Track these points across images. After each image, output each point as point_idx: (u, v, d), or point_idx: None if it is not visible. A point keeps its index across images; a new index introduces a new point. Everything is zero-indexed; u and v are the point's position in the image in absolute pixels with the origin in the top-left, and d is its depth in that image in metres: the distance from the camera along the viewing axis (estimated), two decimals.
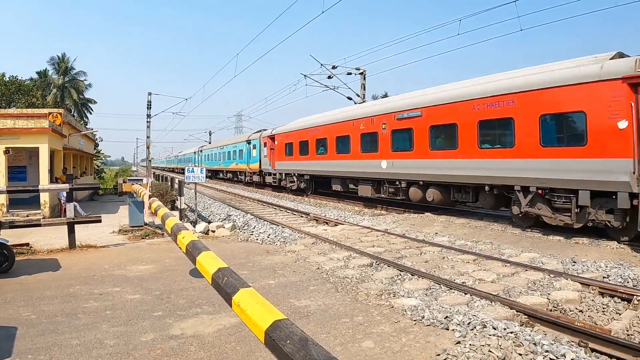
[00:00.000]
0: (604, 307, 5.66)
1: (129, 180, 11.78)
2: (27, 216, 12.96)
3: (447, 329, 4.57)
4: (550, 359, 3.84)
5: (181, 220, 11.17)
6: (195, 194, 14.13)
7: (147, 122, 26.13)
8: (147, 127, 26.29)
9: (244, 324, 2.07)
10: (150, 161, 28.10)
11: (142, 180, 11.86)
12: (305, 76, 23.20)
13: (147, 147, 27.08)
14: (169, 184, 17.49)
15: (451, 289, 6.15)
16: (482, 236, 10.38)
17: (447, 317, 4.85)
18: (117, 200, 20.31)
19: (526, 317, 5.11)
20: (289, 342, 1.59)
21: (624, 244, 8.92)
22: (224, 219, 13.85)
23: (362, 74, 22.98)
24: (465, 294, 5.90)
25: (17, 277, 6.76)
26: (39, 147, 13.85)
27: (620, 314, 5.47)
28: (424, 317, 4.88)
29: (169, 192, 15.25)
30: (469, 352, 3.98)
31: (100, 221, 9.40)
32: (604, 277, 6.86)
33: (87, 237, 9.69)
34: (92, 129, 28.55)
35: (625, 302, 5.77)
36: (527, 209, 10.54)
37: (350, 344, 4.26)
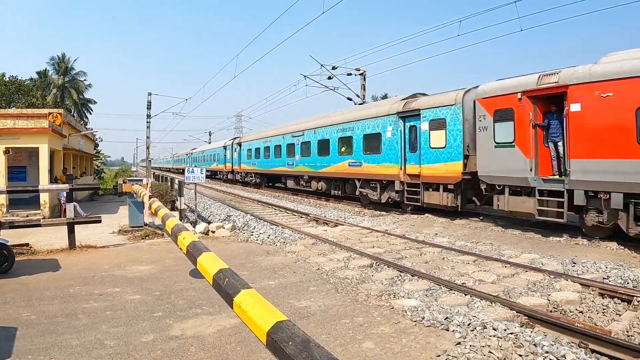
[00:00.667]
0: (604, 308, 5.66)
1: (129, 180, 11.78)
2: (27, 216, 12.95)
3: (448, 330, 4.57)
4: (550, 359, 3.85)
5: (181, 220, 11.16)
6: (195, 194, 14.13)
7: (147, 122, 26.14)
8: (147, 127, 26.30)
9: (244, 325, 2.07)
10: (150, 161, 28.10)
11: (142, 180, 11.86)
12: (305, 77, 23.22)
13: (147, 148, 27.08)
14: (169, 184, 17.50)
15: (451, 289, 6.15)
16: (482, 237, 10.38)
17: (447, 318, 4.85)
18: (117, 200, 20.29)
19: (526, 318, 5.10)
20: (291, 343, 1.59)
21: (623, 245, 8.92)
22: (224, 220, 13.84)
23: (362, 74, 22.99)
24: (465, 294, 5.90)
25: (17, 277, 6.75)
26: (38, 147, 13.85)
27: (620, 315, 5.47)
28: (424, 318, 4.88)
29: (168, 192, 15.26)
30: (469, 353, 3.98)
31: (100, 221, 9.39)
32: (604, 278, 6.86)
33: (87, 238, 9.68)
34: (92, 129, 28.55)
35: (625, 303, 5.77)
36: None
37: (350, 344, 4.26)
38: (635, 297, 5.68)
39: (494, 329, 4.45)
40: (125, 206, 12.72)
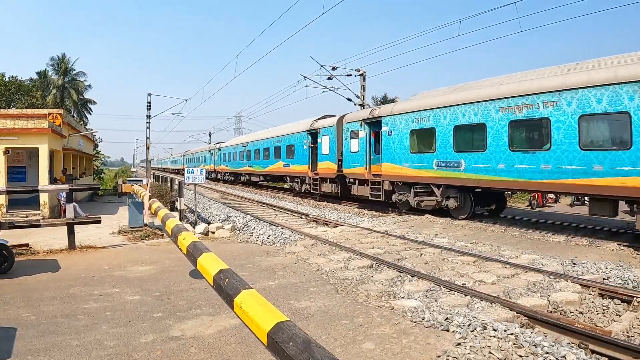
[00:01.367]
0: (604, 309, 5.67)
1: (129, 181, 11.77)
2: (27, 217, 12.94)
3: (448, 331, 4.57)
4: None
5: (181, 221, 11.15)
6: (195, 195, 14.13)
7: (147, 122, 26.12)
8: (147, 127, 26.27)
9: (244, 326, 2.06)
10: (149, 162, 28.07)
11: (141, 181, 11.86)
12: (305, 77, 23.21)
13: (147, 148, 27.05)
14: (169, 184, 17.49)
15: (451, 290, 6.15)
16: (482, 238, 10.39)
17: (447, 318, 4.85)
18: (116, 201, 20.28)
19: (526, 318, 5.10)
20: (291, 344, 1.59)
21: (623, 245, 8.93)
22: (224, 220, 13.84)
23: (361, 75, 22.99)
24: (465, 295, 5.90)
25: (16, 277, 6.74)
26: (38, 148, 13.84)
27: (620, 316, 5.47)
28: (424, 319, 4.88)
29: (168, 193, 15.25)
30: (469, 353, 3.98)
31: (100, 222, 9.38)
32: (604, 279, 6.86)
33: (86, 238, 9.68)
34: (92, 130, 28.53)
35: (625, 304, 5.77)
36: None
37: (350, 345, 4.26)
38: (635, 298, 5.68)
39: (494, 330, 4.45)
40: (125, 207, 12.71)
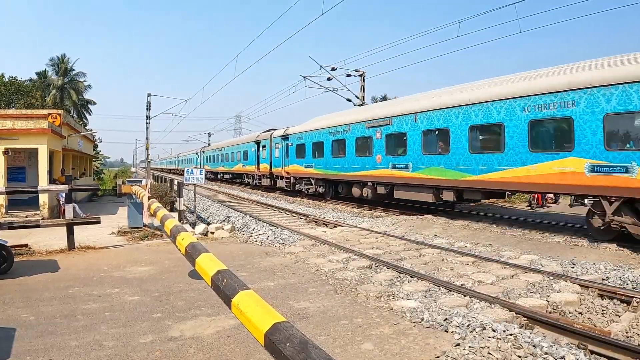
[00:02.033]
0: (603, 309, 5.66)
1: (128, 181, 11.78)
2: (26, 217, 12.94)
3: (447, 331, 4.57)
4: None
5: (180, 221, 11.15)
6: (194, 195, 14.12)
7: (147, 123, 26.12)
8: (147, 128, 26.27)
9: (243, 326, 2.07)
10: (149, 162, 28.07)
11: (141, 181, 11.86)
12: (304, 78, 23.24)
13: (147, 149, 27.04)
14: (168, 185, 17.49)
15: (450, 291, 6.15)
16: (482, 238, 10.39)
17: (446, 319, 4.85)
18: (116, 201, 20.27)
19: (525, 319, 5.10)
20: (289, 344, 1.59)
21: (623, 246, 8.93)
22: (223, 221, 13.83)
23: (361, 75, 23.02)
24: (464, 296, 5.90)
25: (16, 278, 6.74)
26: (38, 148, 13.84)
27: (619, 316, 5.47)
28: (423, 319, 4.88)
29: (168, 193, 15.25)
30: (468, 354, 3.98)
31: (99, 222, 9.37)
32: (603, 279, 6.86)
33: (86, 238, 9.68)
34: (92, 130, 28.52)
35: (624, 304, 5.77)
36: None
37: (349, 345, 4.26)
38: (634, 298, 5.68)
39: (493, 330, 4.45)
40: (124, 207, 12.70)
